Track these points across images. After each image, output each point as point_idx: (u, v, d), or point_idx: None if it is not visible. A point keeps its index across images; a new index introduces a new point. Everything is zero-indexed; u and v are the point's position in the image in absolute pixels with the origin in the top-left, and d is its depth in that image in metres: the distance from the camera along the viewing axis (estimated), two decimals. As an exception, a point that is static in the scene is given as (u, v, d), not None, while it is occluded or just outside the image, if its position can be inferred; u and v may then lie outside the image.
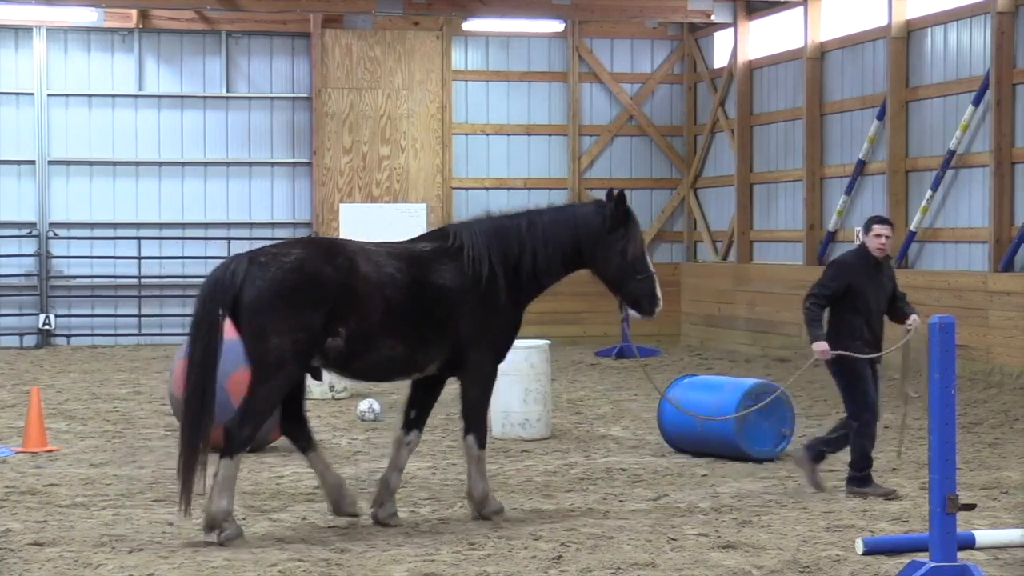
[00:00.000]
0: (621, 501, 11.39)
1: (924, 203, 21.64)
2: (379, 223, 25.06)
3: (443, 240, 10.61)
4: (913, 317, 11.62)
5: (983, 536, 9.61)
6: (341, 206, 27.16)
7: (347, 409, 17.13)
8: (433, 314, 10.31)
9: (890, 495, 11.43)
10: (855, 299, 11.53)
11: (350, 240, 10.68)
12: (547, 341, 15.66)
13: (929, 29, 21.97)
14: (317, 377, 10.51)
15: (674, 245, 29.13)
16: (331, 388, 17.93)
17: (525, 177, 28.81)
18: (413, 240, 10.85)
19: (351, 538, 9.93)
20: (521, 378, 14.92)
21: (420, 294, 10.27)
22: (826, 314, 11.64)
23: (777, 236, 26.30)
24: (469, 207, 28.36)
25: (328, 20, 27.81)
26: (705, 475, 12.56)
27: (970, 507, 8.44)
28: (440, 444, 14.45)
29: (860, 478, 11.62)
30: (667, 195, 29.17)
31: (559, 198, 28.61)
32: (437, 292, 10.32)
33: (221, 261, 10.38)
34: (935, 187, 21.49)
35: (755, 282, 26.13)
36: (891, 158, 22.49)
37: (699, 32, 28.77)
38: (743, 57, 27.10)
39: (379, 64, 28.15)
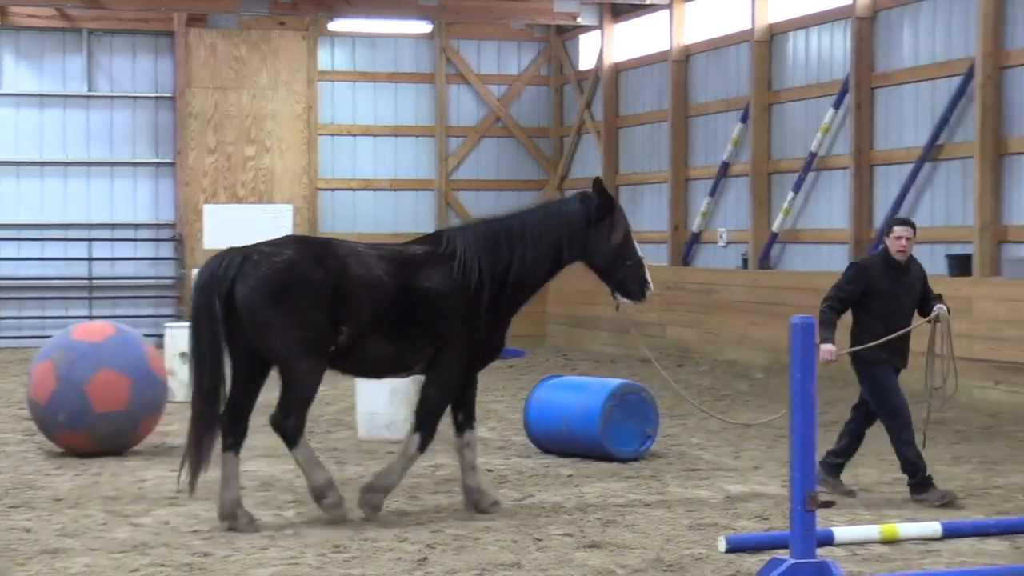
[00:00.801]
0: (487, 502, 11.38)
1: (786, 204, 21.95)
2: (244, 224, 24.85)
3: (436, 244, 10.88)
4: (938, 306, 11.23)
5: (841, 532, 9.77)
6: (205, 207, 26.90)
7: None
8: (419, 316, 10.58)
9: (946, 499, 11.09)
10: (872, 302, 11.22)
11: (344, 241, 10.93)
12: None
13: (791, 33, 22.29)
14: None
15: (541, 246, 29.15)
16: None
17: (392, 178, 28.74)
18: (407, 243, 11.16)
19: (214, 542, 9.81)
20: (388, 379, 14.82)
21: (407, 298, 10.54)
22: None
23: (642, 237, 26.14)
24: (335, 208, 28.29)
25: (192, 19, 27.49)
26: (570, 475, 12.61)
27: (829, 504, 8.56)
28: (305, 446, 14.32)
29: (915, 485, 11.28)
30: (534, 196, 29.23)
31: (426, 200, 28.68)
32: (423, 295, 10.58)
33: (216, 254, 10.65)
34: (797, 189, 21.80)
35: (621, 283, 26.25)
36: (754, 160, 22.77)
37: (565, 34, 28.92)
38: (609, 59, 27.29)
39: (244, 64, 27.90)
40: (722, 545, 9.49)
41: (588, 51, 28.34)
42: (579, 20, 26.99)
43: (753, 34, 22.66)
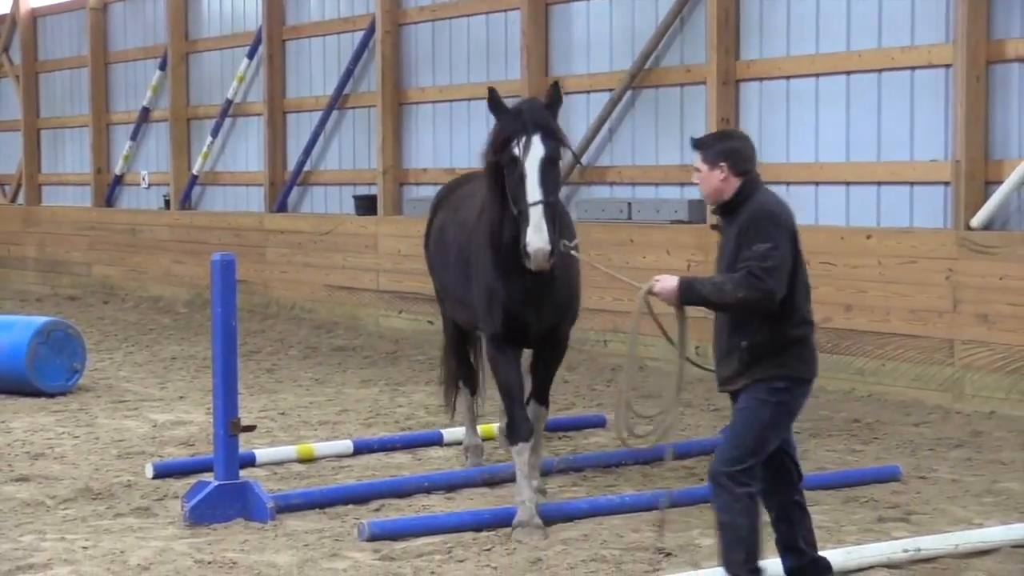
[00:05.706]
0: (-89, 443, 10.83)
1: (205, 149, 21.87)
2: None
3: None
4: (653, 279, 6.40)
5: (262, 454, 9.95)
6: None
7: None
8: (456, 263, 8.81)
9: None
10: None
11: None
12: None
13: (205, -15, 22.15)
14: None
15: (-39, 188, 27.79)
16: None
17: None
18: None
19: None
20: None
21: (452, 245, 8.94)
22: None
23: (65, 180, 25.75)
24: None
25: None
26: (-3, 413, 12.18)
27: (250, 428, 8.67)
28: None
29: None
30: (-47, 139, 27.81)
31: None
32: (462, 246, 8.69)
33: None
34: (215, 134, 21.75)
35: (44, 224, 25.51)
36: (173, 106, 22.53)
37: (-18, -22, 27.51)
38: (26, 5, 26.20)
39: None
40: (149, 471, 9.45)
41: (6, -4, 27.10)
42: (-5, -35, 25.75)
43: (170, -15, 22.35)
